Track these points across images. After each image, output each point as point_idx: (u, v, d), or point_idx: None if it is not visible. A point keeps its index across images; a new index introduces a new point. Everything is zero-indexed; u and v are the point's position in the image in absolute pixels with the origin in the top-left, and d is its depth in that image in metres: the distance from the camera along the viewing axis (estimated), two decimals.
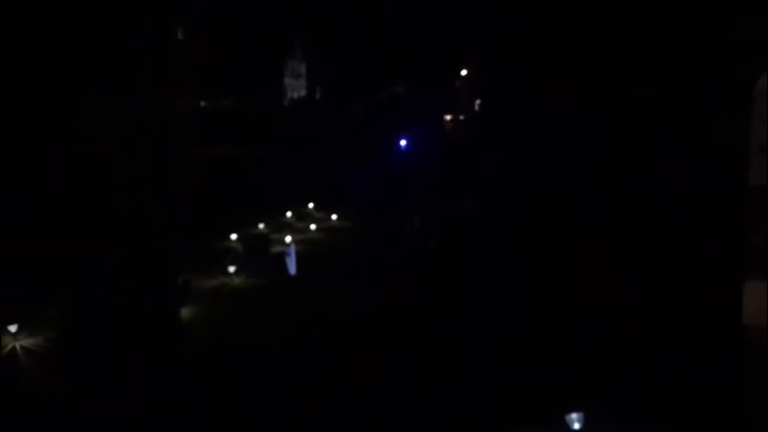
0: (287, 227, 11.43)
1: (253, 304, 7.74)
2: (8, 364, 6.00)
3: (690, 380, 5.32)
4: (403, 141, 13.92)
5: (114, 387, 5.27)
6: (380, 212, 12.02)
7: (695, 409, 4.93)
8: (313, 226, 11.58)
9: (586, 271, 8.16)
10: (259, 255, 9.71)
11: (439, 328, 6.73)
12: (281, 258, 9.00)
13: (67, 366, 5.72)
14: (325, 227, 11.78)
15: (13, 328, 6.30)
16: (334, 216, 12.37)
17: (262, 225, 11.31)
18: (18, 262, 6.55)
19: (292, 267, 8.80)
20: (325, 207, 12.89)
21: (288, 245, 9.31)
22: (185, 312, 6.97)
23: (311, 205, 13.14)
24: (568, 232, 9.99)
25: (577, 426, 4.62)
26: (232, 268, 8.59)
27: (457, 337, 6.52)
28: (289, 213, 12.31)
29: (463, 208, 11.46)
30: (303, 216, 12.50)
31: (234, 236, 10.38)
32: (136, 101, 5.72)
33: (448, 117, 21.23)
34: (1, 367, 5.97)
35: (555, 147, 13.31)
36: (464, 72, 23.97)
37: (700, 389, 5.15)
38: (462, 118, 21.75)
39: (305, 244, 10.38)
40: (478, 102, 22.47)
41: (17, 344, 6.24)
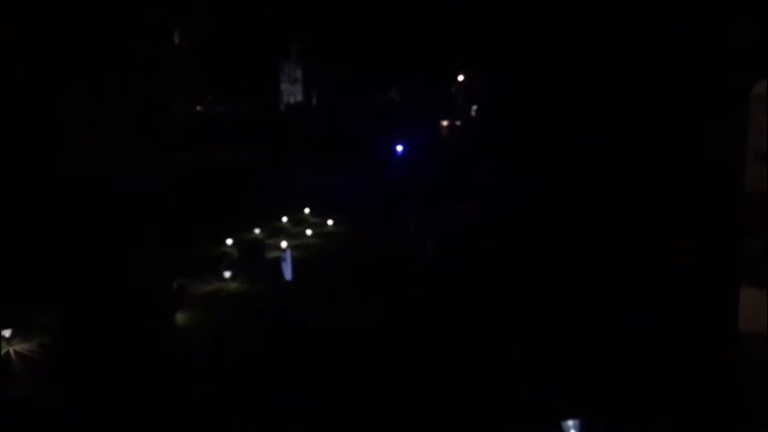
0: (283, 232, 11.41)
1: (248, 309, 7.72)
2: (2, 368, 5.98)
3: (687, 387, 5.32)
4: (400, 147, 13.93)
5: (108, 393, 5.24)
6: (376, 218, 12.01)
7: (692, 415, 4.92)
8: (309, 231, 11.57)
9: (583, 275, 8.17)
10: (255, 260, 9.69)
11: (435, 334, 6.71)
12: (277, 263, 8.98)
13: (61, 371, 5.70)
14: (321, 233, 11.76)
15: (7, 332, 6.29)
16: (330, 221, 12.35)
17: (257, 230, 11.28)
18: (12, 267, 6.51)
19: (288, 272, 8.77)
20: (321, 212, 12.87)
21: (284, 250, 9.29)
22: (180, 317, 6.96)
23: (307, 210, 13.12)
24: (564, 235, 10.00)
25: None
26: (228, 274, 8.56)
27: (453, 343, 6.50)
28: (284, 218, 12.29)
29: (459, 213, 11.46)
30: (299, 221, 12.48)
31: (229, 241, 10.36)
32: (131, 106, 5.70)
33: (445, 122, 21.25)
34: None
35: (551, 152, 13.33)
36: (461, 77, 24.01)
37: (697, 396, 5.15)
38: (458, 123, 21.78)
39: (301, 249, 10.36)
40: (474, 107, 22.51)
41: (11, 349, 6.23)
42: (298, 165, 20.28)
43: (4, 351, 6.17)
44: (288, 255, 8.97)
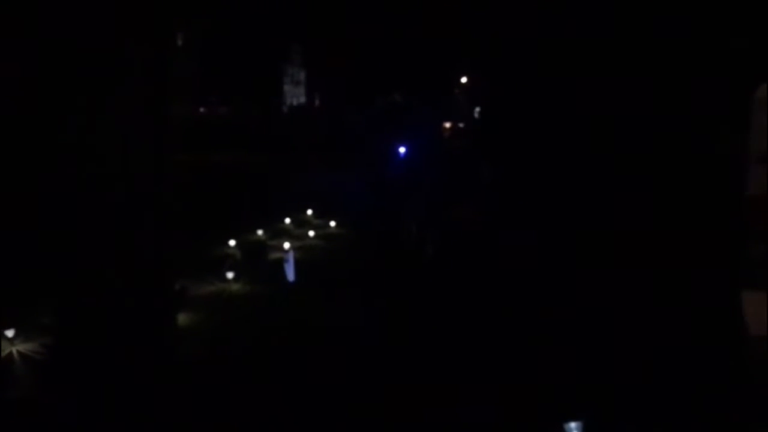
0: (286, 234, 11.42)
1: (250, 310, 7.73)
2: (5, 368, 5.99)
3: (690, 389, 5.32)
4: (402, 148, 13.94)
5: (108, 393, 5.25)
6: (379, 219, 12.02)
7: (695, 417, 4.92)
8: (311, 232, 11.57)
9: (584, 277, 8.17)
10: (257, 261, 9.70)
11: (436, 336, 6.72)
12: (280, 264, 8.99)
13: (63, 372, 5.71)
14: (324, 234, 11.76)
15: (10, 333, 6.31)
16: (333, 223, 12.37)
17: (260, 231, 11.29)
18: (12, 267, 6.53)
19: (291, 273, 8.79)
20: (323, 214, 12.88)
21: (287, 252, 9.30)
22: (182, 318, 6.96)
23: (310, 211, 13.14)
24: (566, 237, 10.00)
25: None
26: (230, 275, 8.57)
27: (454, 344, 6.51)
28: (287, 219, 12.30)
29: (461, 215, 11.46)
30: (301, 223, 12.49)
31: (232, 242, 10.37)
32: (131, 106, 5.71)
33: (448, 124, 21.26)
34: None
35: (554, 154, 13.33)
36: (464, 80, 24.03)
37: (700, 398, 5.15)
38: (461, 125, 21.79)
39: (304, 250, 10.37)
40: (477, 109, 22.53)
41: (14, 349, 6.24)
42: (300, 166, 20.33)
43: (6, 351, 6.18)
44: (291, 256, 8.98)
